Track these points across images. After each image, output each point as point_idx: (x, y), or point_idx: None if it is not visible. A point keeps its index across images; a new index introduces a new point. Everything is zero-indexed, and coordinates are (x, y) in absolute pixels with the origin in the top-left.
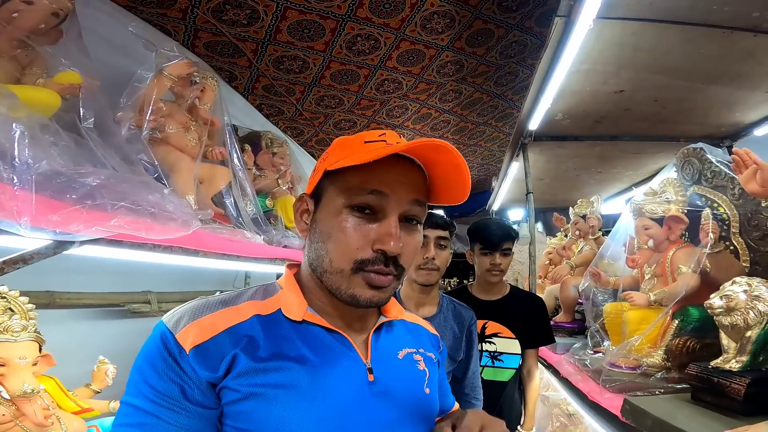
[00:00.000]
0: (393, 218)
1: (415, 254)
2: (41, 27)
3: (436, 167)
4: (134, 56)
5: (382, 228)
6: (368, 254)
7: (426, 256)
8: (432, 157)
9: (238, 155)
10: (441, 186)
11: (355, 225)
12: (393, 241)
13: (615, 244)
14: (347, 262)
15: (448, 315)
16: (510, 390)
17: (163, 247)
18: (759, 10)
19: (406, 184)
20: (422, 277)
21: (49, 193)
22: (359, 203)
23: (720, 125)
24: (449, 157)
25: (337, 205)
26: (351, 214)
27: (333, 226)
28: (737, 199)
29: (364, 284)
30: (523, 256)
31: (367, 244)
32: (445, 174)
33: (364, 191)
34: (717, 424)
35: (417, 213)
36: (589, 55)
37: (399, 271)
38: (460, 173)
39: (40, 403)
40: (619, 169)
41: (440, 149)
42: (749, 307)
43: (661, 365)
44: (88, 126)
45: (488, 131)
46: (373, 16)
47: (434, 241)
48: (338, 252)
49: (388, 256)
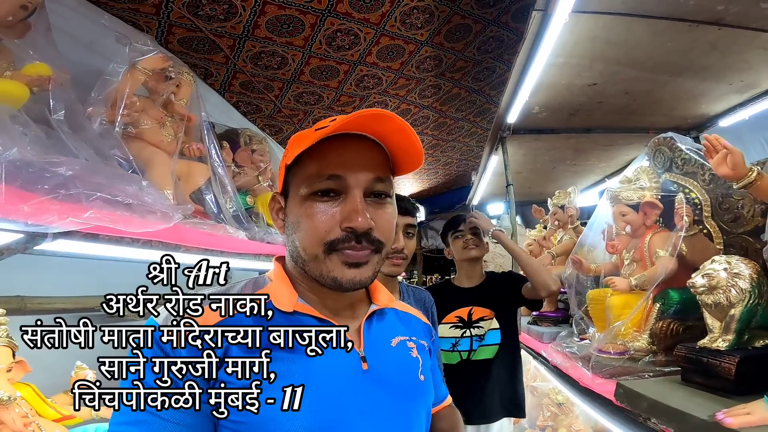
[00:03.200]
0: (356, 196)
1: (391, 227)
2: (9, 20)
3: (387, 138)
4: (100, 52)
5: (346, 206)
6: (337, 234)
7: (394, 246)
8: (378, 129)
9: (216, 151)
10: (398, 155)
11: (320, 209)
12: (360, 216)
13: (593, 232)
14: (318, 245)
15: (410, 301)
16: (497, 367)
17: (142, 242)
18: (723, 3)
19: (362, 162)
20: (388, 268)
21: (20, 183)
22: (320, 189)
23: (687, 117)
24: (392, 124)
25: (301, 195)
26: (315, 200)
27: (300, 215)
28: (708, 184)
29: (341, 264)
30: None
31: (335, 225)
32: (397, 142)
33: (322, 177)
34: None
35: (380, 188)
36: (564, 49)
37: (377, 245)
38: (407, 136)
39: (18, 411)
40: (593, 161)
41: (381, 118)
42: (731, 284)
43: (648, 349)
44: (58, 118)
45: (467, 126)
46: (353, 11)
47: (403, 228)
48: (308, 238)
49: (358, 233)
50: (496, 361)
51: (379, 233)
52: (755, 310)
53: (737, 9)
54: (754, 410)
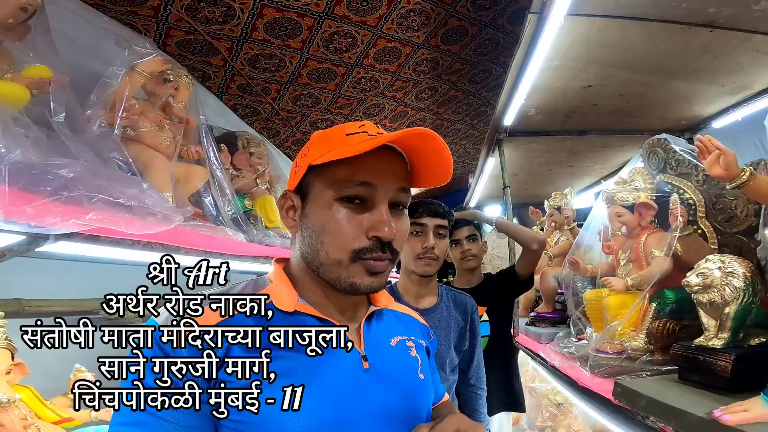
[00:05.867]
0: (383, 206)
1: (405, 238)
2: (9, 22)
3: (420, 153)
4: (98, 55)
5: (375, 216)
6: (364, 243)
7: (425, 245)
8: (416, 145)
9: (215, 154)
10: (423, 170)
11: (348, 216)
12: (387, 227)
13: (590, 233)
14: (344, 252)
15: (449, 304)
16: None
17: (143, 244)
18: (715, 5)
19: (392, 173)
20: (421, 268)
21: (23, 185)
22: (349, 195)
23: (680, 118)
24: (433, 143)
25: (327, 198)
26: (342, 206)
27: (326, 218)
28: (701, 185)
29: (364, 271)
30: (502, 250)
31: (362, 233)
32: (428, 159)
33: (353, 183)
34: (709, 402)
35: (403, 199)
36: (559, 52)
37: (393, 255)
38: (442, 156)
39: (18, 413)
40: (588, 162)
41: (425, 137)
42: (725, 283)
43: (645, 348)
44: (59, 120)
45: (463, 129)
46: (350, 13)
47: (433, 229)
48: (335, 243)
49: (383, 242)
50: (487, 353)
51: (397, 244)
52: (749, 308)
53: (729, 11)
54: (751, 407)
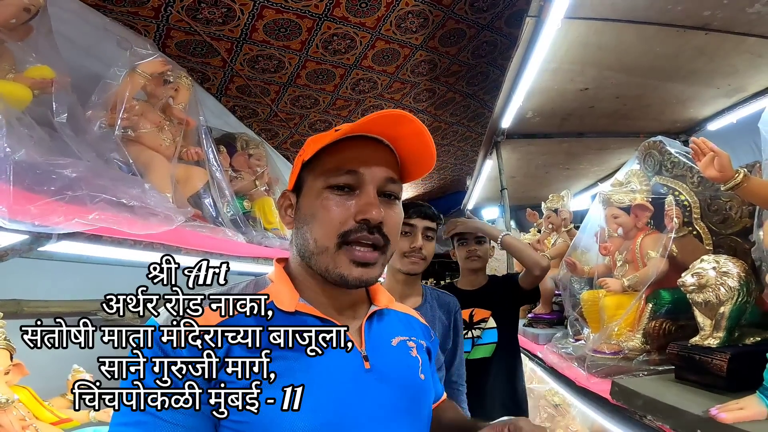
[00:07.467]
0: (371, 189)
1: (398, 227)
2: (12, 22)
3: (402, 141)
4: (98, 56)
5: (362, 199)
6: (351, 225)
7: (413, 245)
8: (396, 130)
9: (214, 155)
10: (409, 160)
11: (336, 201)
12: (375, 209)
13: (587, 235)
14: (331, 237)
15: (433, 304)
16: (495, 366)
17: (144, 244)
18: (710, 9)
19: (378, 161)
20: (407, 266)
21: (27, 184)
22: (337, 183)
23: (676, 120)
24: (411, 126)
25: (317, 187)
26: (331, 193)
27: (315, 206)
28: (696, 187)
29: (349, 262)
30: (501, 253)
31: (350, 217)
32: (410, 146)
33: (340, 171)
34: (705, 400)
35: (393, 189)
36: (557, 55)
37: (385, 242)
38: (423, 141)
39: (16, 414)
40: (585, 165)
41: (400, 119)
42: (719, 283)
43: (641, 348)
44: (61, 120)
45: (461, 131)
46: (349, 15)
47: (422, 231)
48: (322, 229)
49: (371, 225)
50: (494, 359)
51: (387, 230)
52: (744, 307)
53: (724, 14)
54: (747, 405)
